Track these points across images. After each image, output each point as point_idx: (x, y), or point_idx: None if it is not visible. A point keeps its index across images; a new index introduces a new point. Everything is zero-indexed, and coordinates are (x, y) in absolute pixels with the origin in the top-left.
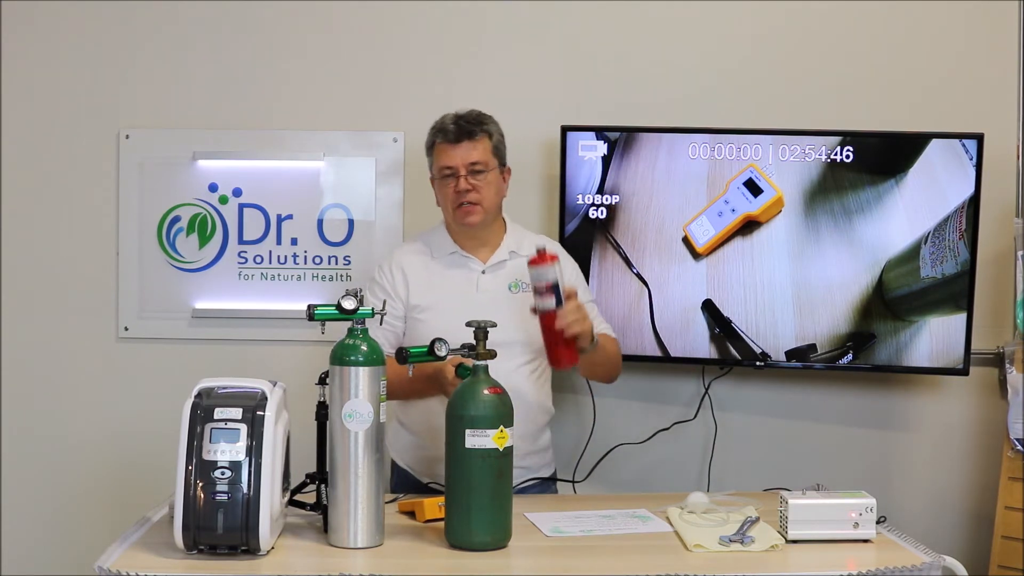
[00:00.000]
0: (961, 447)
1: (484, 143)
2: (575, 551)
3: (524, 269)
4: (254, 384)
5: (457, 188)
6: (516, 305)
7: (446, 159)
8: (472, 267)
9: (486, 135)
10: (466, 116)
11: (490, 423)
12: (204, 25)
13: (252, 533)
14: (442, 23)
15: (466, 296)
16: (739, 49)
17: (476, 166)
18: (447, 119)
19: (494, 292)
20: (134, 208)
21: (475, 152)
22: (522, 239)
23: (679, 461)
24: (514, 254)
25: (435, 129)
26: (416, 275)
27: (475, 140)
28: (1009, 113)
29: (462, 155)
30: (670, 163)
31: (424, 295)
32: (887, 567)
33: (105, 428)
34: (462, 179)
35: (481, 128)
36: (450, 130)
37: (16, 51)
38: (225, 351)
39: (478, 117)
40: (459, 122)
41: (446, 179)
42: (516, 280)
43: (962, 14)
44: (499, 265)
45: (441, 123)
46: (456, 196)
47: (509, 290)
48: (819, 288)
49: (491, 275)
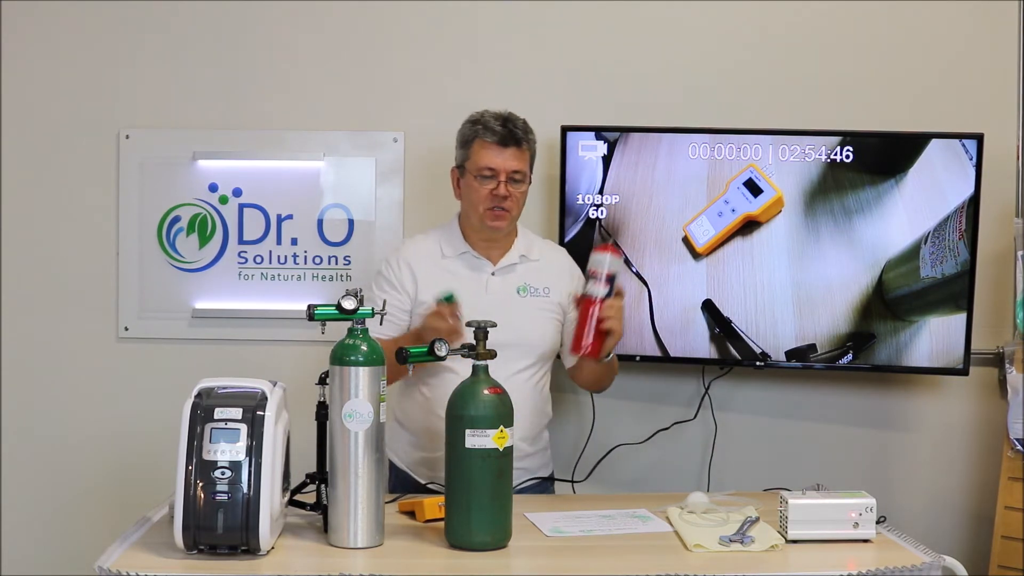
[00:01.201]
0: (961, 447)
1: (527, 154)
2: (575, 551)
3: (533, 273)
4: (254, 384)
5: (495, 192)
6: (524, 309)
7: (489, 160)
8: (483, 269)
9: (529, 146)
10: (514, 121)
11: (490, 423)
12: (204, 25)
13: (252, 533)
14: (442, 23)
15: (475, 297)
16: (739, 49)
17: (516, 175)
18: (491, 117)
19: (503, 294)
20: (134, 208)
21: (518, 161)
22: (532, 243)
23: (679, 461)
24: (524, 258)
25: (478, 125)
26: (425, 272)
27: (521, 149)
28: (1009, 113)
29: (507, 161)
30: (670, 163)
31: (432, 293)
32: (887, 567)
33: (105, 428)
34: (502, 185)
35: (527, 138)
36: (498, 131)
37: (16, 51)
38: (225, 351)
39: (525, 126)
40: (508, 126)
41: (484, 179)
42: (525, 284)
43: (962, 14)
44: (509, 268)
45: (484, 119)
46: (491, 199)
47: (518, 293)
48: (819, 288)
49: (500, 277)
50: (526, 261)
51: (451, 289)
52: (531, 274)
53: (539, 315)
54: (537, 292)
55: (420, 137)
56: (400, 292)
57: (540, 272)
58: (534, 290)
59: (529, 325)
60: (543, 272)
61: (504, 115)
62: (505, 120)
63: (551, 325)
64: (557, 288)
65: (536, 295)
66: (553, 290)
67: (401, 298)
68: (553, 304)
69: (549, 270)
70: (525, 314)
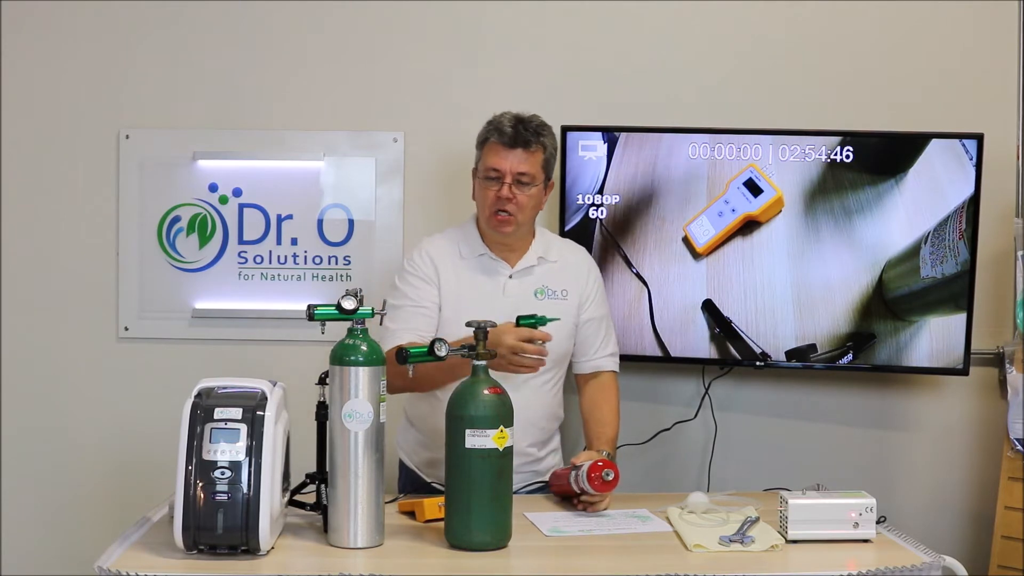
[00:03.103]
0: (961, 447)
1: (537, 156)
2: (575, 551)
3: (551, 275)
4: (254, 384)
5: (499, 194)
6: (540, 312)
7: (495, 161)
8: (500, 271)
9: (541, 147)
10: (526, 122)
11: (490, 423)
12: (204, 25)
13: (252, 533)
14: (442, 23)
15: (492, 300)
16: (739, 49)
17: (523, 177)
18: (506, 118)
19: (520, 297)
20: (134, 208)
21: (526, 163)
22: (550, 245)
23: (679, 461)
24: (542, 260)
25: (492, 126)
26: (445, 271)
27: (530, 151)
28: (1009, 113)
29: (513, 162)
30: (670, 163)
31: (451, 294)
32: (887, 567)
33: (105, 428)
34: (505, 187)
35: (538, 140)
36: (507, 132)
37: (16, 51)
38: (225, 351)
39: (538, 127)
40: (518, 127)
41: (490, 181)
42: (543, 286)
43: (962, 14)
44: (527, 271)
45: (499, 121)
46: (495, 202)
47: (535, 296)
48: (819, 288)
49: (518, 280)
50: (544, 263)
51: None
52: (549, 276)
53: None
54: (555, 295)
55: (420, 137)
56: (430, 284)
57: (558, 274)
58: (552, 292)
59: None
60: (561, 274)
61: (520, 116)
62: (518, 121)
63: (567, 329)
64: (575, 290)
65: (554, 298)
66: (571, 292)
67: (431, 290)
68: (570, 307)
69: (567, 272)
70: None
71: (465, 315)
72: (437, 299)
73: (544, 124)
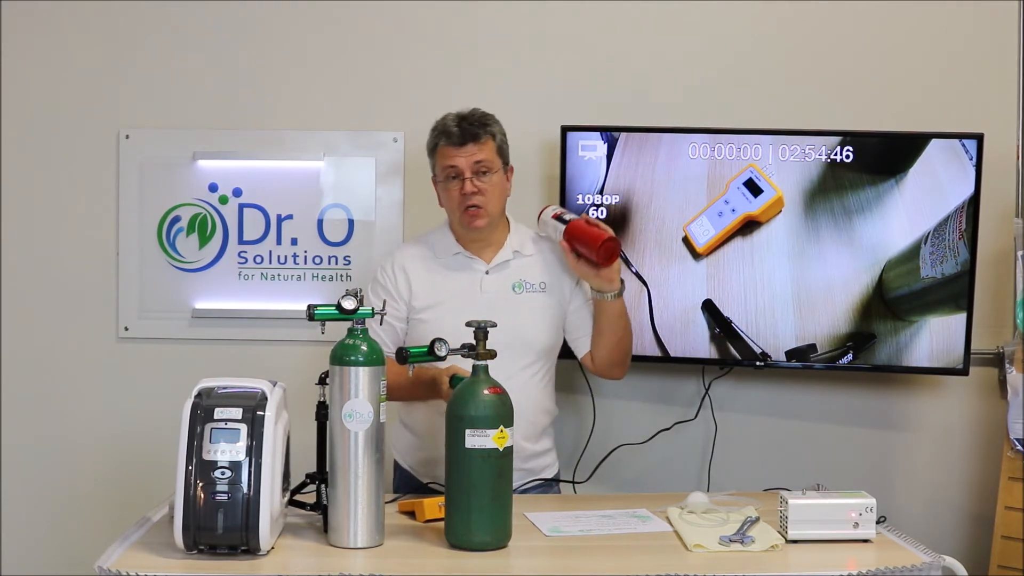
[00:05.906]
0: (961, 447)
1: (488, 145)
2: (575, 551)
3: (528, 269)
4: (254, 384)
5: (463, 191)
6: (520, 306)
7: (450, 161)
8: (476, 268)
9: (490, 136)
10: (469, 117)
11: (490, 423)
12: (204, 25)
13: (252, 533)
14: (442, 23)
15: (470, 297)
16: (739, 49)
17: (481, 165)
18: (449, 120)
19: (498, 293)
20: (134, 208)
21: (481, 152)
22: (525, 239)
23: (679, 461)
24: (518, 254)
25: (437, 131)
26: (419, 276)
27: (480, 143)
28: (1009, 113)
29: (467, 157)
30: (670, 163)
31: (427, 296)
32: (887, 567)
33: (105, 428)
34: (467, 181)
35: (485, 130)
36: (454, 132)
37: (16, 51)
38: (225, 351)
39: (481, 118)
40: (463, 124)
41: (451, 181)
42: (520, 280)
43: (962, 14)
44: (503, 265)
45: (443, 124)
46: (462, 199)
47: (513, 290)
48: (819, 288)
49: (495, 275)
50: (520, 257)
51: (462, 375)
52: (526, 270)
53: (536, 311)
54: (533, 287)
55: (420, 137)
56: (396, 300)
57: (535, 267)
58: (530, 286)
59: (525, 322)
60: (538, 267)
61: (461, 113)
62: (461, 119)
63: (549, 321)
64: (554, 282)
65: (532, 291)
66: (550, 284)
67: (397, 306)
68: (551, 299)
69: (545, 264)
70: (521, 311)
71: (444, 314)
72: (404, 312)
73: (487, 114)
